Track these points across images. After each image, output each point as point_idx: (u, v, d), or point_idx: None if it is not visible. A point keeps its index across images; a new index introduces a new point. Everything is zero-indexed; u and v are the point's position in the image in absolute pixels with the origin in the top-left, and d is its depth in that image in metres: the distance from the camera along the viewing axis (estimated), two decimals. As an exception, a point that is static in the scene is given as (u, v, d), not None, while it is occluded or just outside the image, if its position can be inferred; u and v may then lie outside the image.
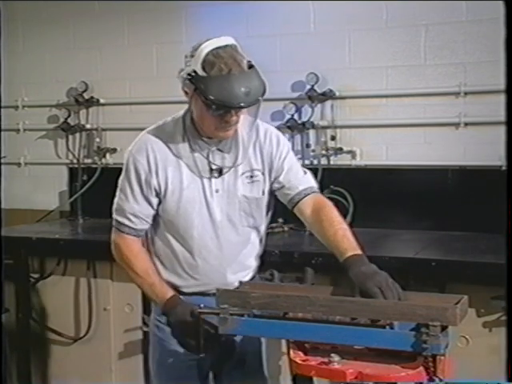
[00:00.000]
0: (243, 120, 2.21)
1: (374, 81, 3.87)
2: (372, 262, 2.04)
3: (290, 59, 4.03)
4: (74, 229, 4.31)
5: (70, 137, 4.60)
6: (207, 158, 2.23)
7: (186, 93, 2.15)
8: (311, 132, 4.00)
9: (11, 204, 4.19)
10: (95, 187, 4.39)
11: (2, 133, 3.86)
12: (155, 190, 2.23)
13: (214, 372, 2.42)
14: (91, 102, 4.48)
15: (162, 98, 4.24)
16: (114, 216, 2.31)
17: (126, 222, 2.26)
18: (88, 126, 4.53)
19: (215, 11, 4.15)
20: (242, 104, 2.04)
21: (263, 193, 2.30)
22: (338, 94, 3.93)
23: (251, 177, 2.27)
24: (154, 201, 2.25)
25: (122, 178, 2.29)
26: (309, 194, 2.29)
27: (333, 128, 3.96)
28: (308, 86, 3.91)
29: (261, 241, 2.40)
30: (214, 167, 2.23)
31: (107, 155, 4.47)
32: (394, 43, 3.83)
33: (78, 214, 4.45)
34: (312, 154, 3.99)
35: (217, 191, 2.24)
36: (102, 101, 4.49)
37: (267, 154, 2.29)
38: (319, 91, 3.90)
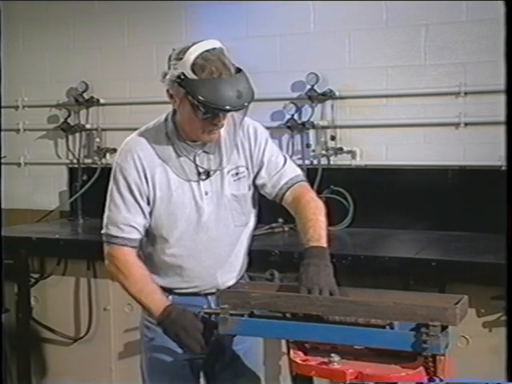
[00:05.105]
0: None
1: (374, 81, 3.87)
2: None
3: (290, 59, 4.03)
4: (74, 229, 4.31)
5: (70, 137, 4.60)
6: (194, 161, 2.22)
7: (171, 96, 2.15)
8: (311, 132, 4.00)
9: (11, 204, 4.19)
10: (95, 187, 4.38)
11: (2, 133, 3.86)
12: (146, 197, 2.20)
13: (204, 371, 2.40)
14: (91, 102, 4.48)
15: (161, 98, 4.15)
16: (106, 230, 2.22)
17: (120, 233, 2.20)
18: (88, 126, 4.53)
19: (215, 11, 4.16)
20: (233, 107, 2.03)
21: (249, 188, 2.30)
22: (337, 94, 3.92)
23: (237, 174, 2.26)
24: (146, 208, 2.21)
25: (110, 189, 2.23)
26: (290, 187, 2.28)
27: (333, 128, 3.96)
28: (308, 86, 3.91)
29: (249, 238, 2.37)
30: (201, 170, 2.22)
31: (107, 155, 4.46)
32: (393, 43, 3.82)
33: (78, 213, 4.46)
34: (312, 154, 3.99)
35: (206, 193, 2.23)
36: (102, 101, 4.50)
37: (248, 148, 2.28)
38: (319, 91, 3.90)
